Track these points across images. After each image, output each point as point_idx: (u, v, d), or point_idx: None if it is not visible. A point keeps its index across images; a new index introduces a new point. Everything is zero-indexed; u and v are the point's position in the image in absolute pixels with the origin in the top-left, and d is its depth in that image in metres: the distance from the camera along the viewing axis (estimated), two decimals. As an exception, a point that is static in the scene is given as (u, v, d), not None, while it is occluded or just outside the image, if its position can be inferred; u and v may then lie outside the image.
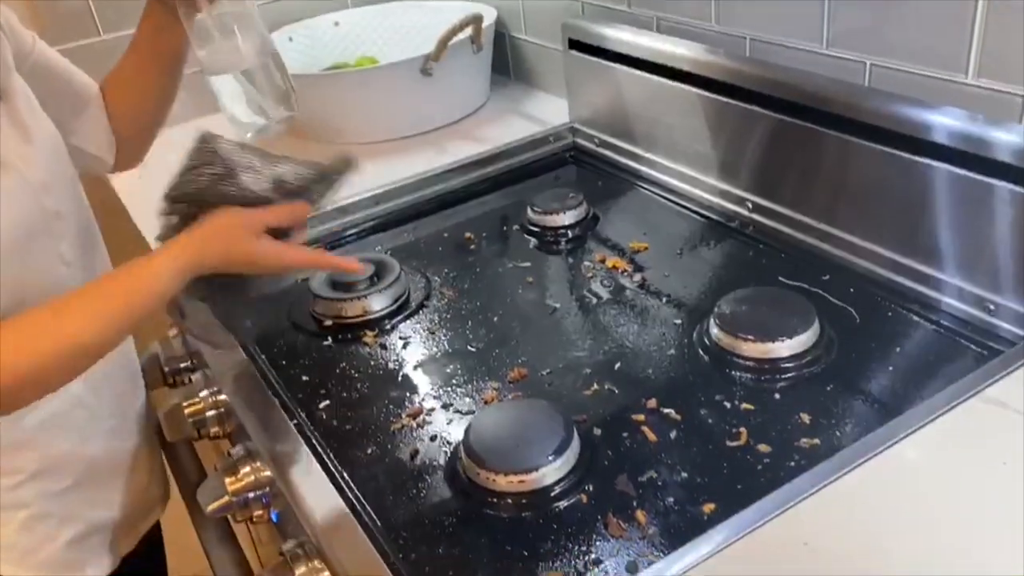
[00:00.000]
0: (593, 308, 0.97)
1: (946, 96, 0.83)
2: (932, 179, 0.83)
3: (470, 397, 0.85)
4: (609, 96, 1.24)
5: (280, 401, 0.85)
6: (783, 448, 0.73)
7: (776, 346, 0.82)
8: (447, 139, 1.36)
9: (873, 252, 0.92)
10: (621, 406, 0.81)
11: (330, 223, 1.20)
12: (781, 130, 0.98)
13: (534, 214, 1.15)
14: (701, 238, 1.08)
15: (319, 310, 1.01)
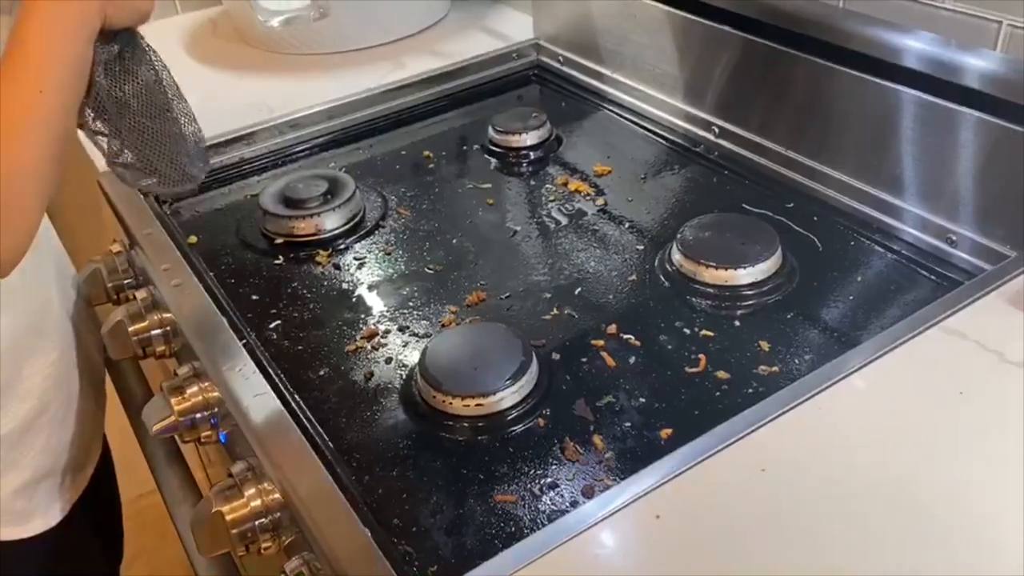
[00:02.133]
0: (554, 232, 0.95)
1: (922, 20, 0.81)
2: (901, 105, 0.82)
3: (427, 320, 0.83)
4: (576, 12, 1.20)
5: (228, 320, 0.82)
6: (741, 375, 0.73)
7: (738, 273, 0.81)
8: (405, 52, 1.31)
9: (838, 180, 0.91)
10: (580, 331, 0.79)
11: (280, 137, 1.15)
12: (751, 52, 0.95)
13: (496, 134, 1.11)
14: (665, 163, 1.06)
15: (269, 227, 0.97)
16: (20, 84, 0.63)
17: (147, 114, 0.74)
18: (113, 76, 0.72)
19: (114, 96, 0.72)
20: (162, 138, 0.75)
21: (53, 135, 0.65)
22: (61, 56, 0.66)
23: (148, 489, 1.02)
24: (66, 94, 0.66)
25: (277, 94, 1.20)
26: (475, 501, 0.64)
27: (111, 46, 0.71)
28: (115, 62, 0.72)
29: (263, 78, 1.27)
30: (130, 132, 0.74)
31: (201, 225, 1.01)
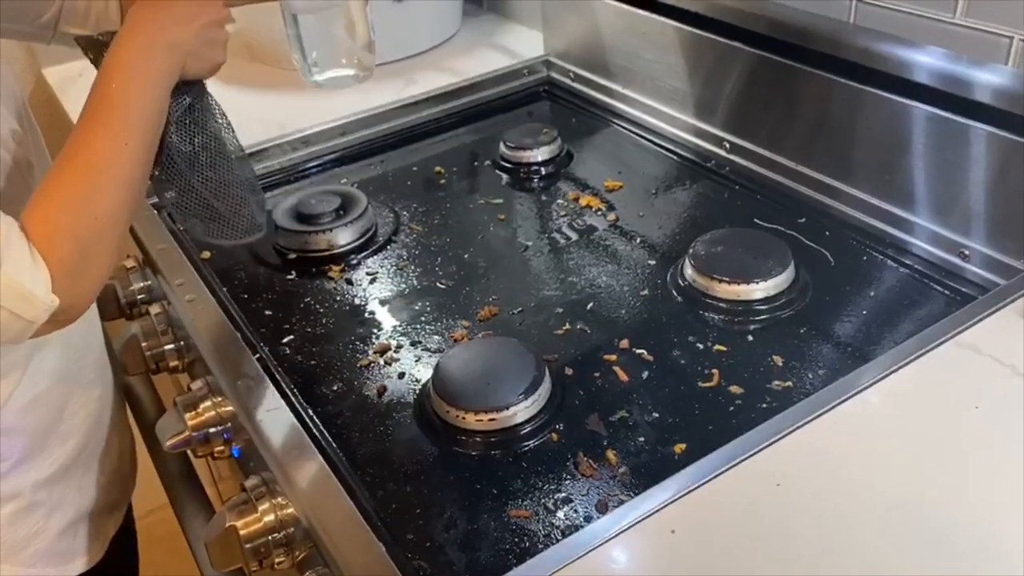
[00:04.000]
0: (566, 247, 0.95)
1: (933, 35, 0.81)
2: (912, 120, 0.82)
3: (439, 335, 0.83)
4: (586, 29, 1.20)
5: (242, 335, 0.82)
6: (755, 390, 0.73)
7: (750, 288, 0.81)
8: (417, 69, 1.32)
9: (849, 195, 0.91)
10: (593, 346, 0.79)
11: (293, 154, 1.16)
12: (761, 67, 0.96)
13: (507, 149, 1.12)
14: (676, 178, 1.06)
15: (282, 243, 0.98)
16: (103, 133, 0.65)
17: (215, 166, 0.74)
18: (184, 128, 0.72)
19: (183, 150, 0.72)
20: (230, 188, 0.75)
21: (131, 185, 0.66)
22: (143, 108, 0.67)
23: (157, 504, 1.02)
24: (145, 145, 0.67)
25: (289, 111, 1.21)
26: (489, 516, 0.64)
27: (183, 99, 0.72)
28: (186, 115, 0.72)
29: (275, 95, 1.29)
30: (200, 184, 0.74)
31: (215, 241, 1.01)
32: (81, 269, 0.63)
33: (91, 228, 0.63)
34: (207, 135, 0.74)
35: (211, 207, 0.76)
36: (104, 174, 0.64)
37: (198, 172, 0.74)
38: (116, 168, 0.65)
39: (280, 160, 1.15)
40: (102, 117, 0.65)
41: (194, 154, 0.73)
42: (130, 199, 0.66)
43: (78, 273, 0.62)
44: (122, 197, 0.65)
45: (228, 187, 0.76)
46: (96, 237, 0.63)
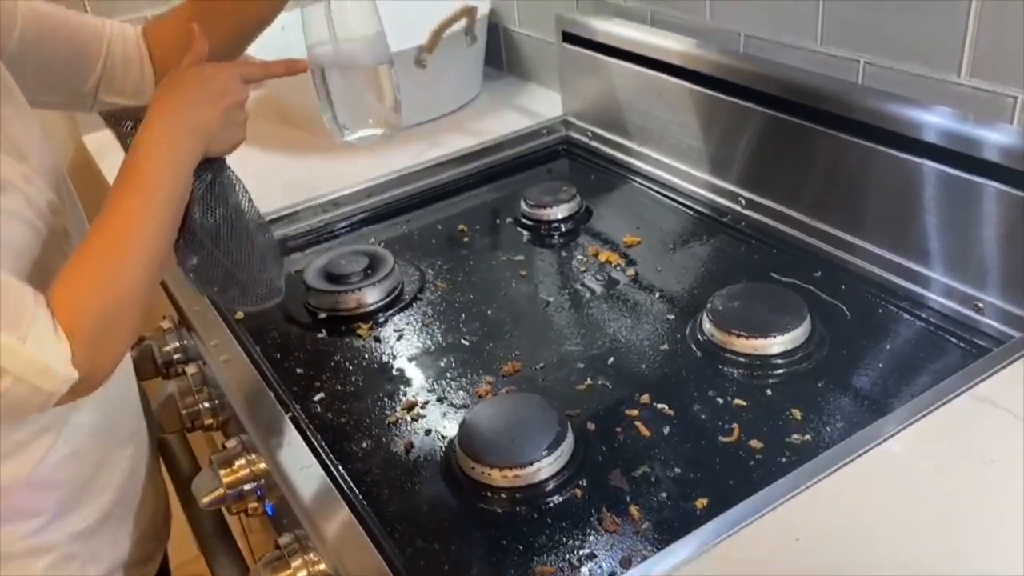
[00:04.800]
0: (586, 302, 0.98)
1: (939, 95, 0.84)
2: (922, 177, 0.84)
3: (464, 391, 0.86)
4: (602, 89, 1.24)
5: (275, 393, 0.85)
6: (775, 444, 0.74)
7: (768, 342, 0.83)
8: (440, 131, 1.36)
9: (864, 249, 0.93)
10: (614, 401, 0.81)
11: (323, 215, 1.20)
12: (774, 126, 0.99)
13: (527, 207, 1.15)
14: (693, 233, 1.09)
15: (313, 302, 1.01)
16: (128, 214, 0.68)
17: (235, 237, 0.78)
18: (206, 204, 0.76)
19: (206, 224, 0.76)
20: (250, 258, 0.79)
21: (153, 263, 0.69)
22: (168, 189, 0.71)
23: (190, 557, 1.04)
24: (168, 225, 0.71)
25: (319, 173, 1.26)
26: (515, 572, 0.66)
27: (204, 175, 0.76)
28: (208, 190, 0.76)
29: (305, 158, 1.33)
30: (222, 255, 0.77)
31: (247, 301, 1.05)
32: (101, 344, 0.66)
33: (113, 305, 0.66)
34: (228, 208, 0.78)
35: (232, 276, 0.79)
36: (127, 254, 0.67)
37: (220, 244, 0.77)
38: (139, 248, 0.68)
39: (310, 222, 1.19)
40: (128, 198, 0.69)
41: (216, 227, 0.77)
42: (152, 276, 0.70)
43: (98, 347, 0.65)
44: (144, 275, 0.68)
45: (248, 257, 0.79)
46: (118, 313, 0.66)
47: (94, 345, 0.65)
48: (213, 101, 0.74)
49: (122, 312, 0.67)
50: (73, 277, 0.66)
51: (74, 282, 0.65)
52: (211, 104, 0.74)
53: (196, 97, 0.74)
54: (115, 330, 0.67)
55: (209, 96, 0.74)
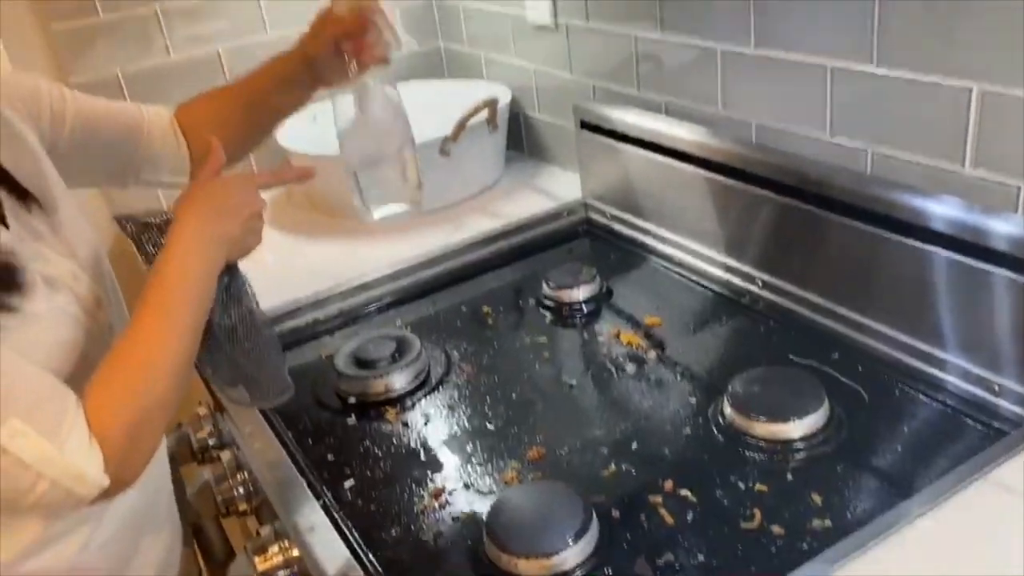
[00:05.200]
0: (609, 384, 1.00)
1: (945, 185, 0.87)
2: (933, 264, 0.86)
3: (490, 477, 0.88)
4: (620, 174, 1.29)
5: (307, 481, 0.88)
6: (796, 529, 0.75)
7: (788, 426, 0.85)
8: (464, 214, 1.41)
9: (879, 332, 0.95)
10: (638, 487, 0.83)
11: (351, 299, 1.24)
12: (786, 213, 1.02)
13: (549, 289, 1.19)
14: (713, 314, 1.11)
15: (343, 387, 1.04)
16: (158, 329, 0.72)
17: (250, 336, 0.82)
18: (223, 305, 0.81)
19: (223, 324, 0.81)
20: (265, 356, 0.84)
21: (180, 373, 0.73)
22: (195, 300, 0.76)
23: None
24: (194, 334, 0.76)
25: (347, 257, 1.30)
26: (543, 662, 0.67)
27: (223, 278, 0.80)
28: (224, 292, 0.81)
29: (335, 243, 1.38)
30: (240, 355, 0.82)
31: (280, 387, 1.08)
32: (131, 451, 0.69)
33: (142, 415, 0.69)
34: (242, 308, 0.83)
35: (247, 374, 0.84)
36: (155, 367, 0.71)
37: (237, 343, 0.82)
38: (168, 361, 0.72)
39: (339, 305, 1.23)
40: (156, 311, 0.73)
41: (232, 327, 0.82)
42: (178, 385, 0.73)
43: (128, 455, 0.69)
44: (172, 385, 0.72)
45: (263, 355, 0.84)
46: (146, 423, 0.70)
47: (124, 453, 0.68)
48: (234, 213, 0.80)
49: (150, 422, 0.71)
50: (105, 387, 0.69)
51: (106, 392, 0.69)
52: (233, 216, 0.80)
53: (219, 210, 0.79)
54: (144, 438, 0.71)
55: (231, 208, 0.80)
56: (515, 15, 1.47)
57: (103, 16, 1.45)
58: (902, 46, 0.87)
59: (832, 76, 0.95)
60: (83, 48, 1.45)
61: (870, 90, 0.91)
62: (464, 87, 1.57)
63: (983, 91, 0.81)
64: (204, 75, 1.53)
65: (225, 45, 1.54)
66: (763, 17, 1.01)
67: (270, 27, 1.58)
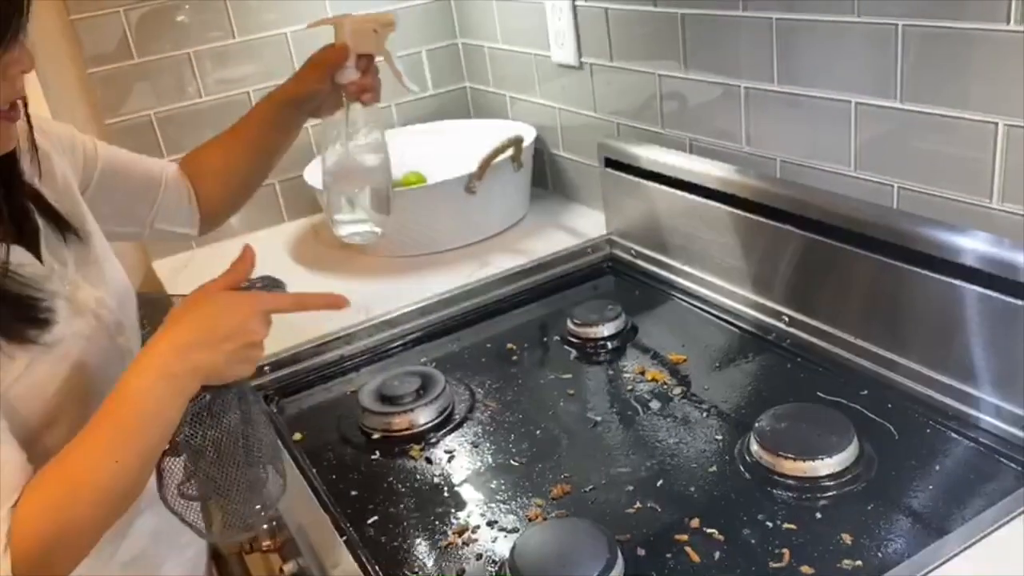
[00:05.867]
0: (634, 421, 1.00)
1: (972, 219, 0.86)
2: (962, 299, 0.85)
3: (514, 514, 0.87)
4: (644, 211, 1.29)
5: (331, 517, 0.88)
6: (825, 570, 0.74)
7: (816, 464, 0.84)
8: (489, 251, 1.42)
9: (909, 368, 0.94)
10: (664, 525, 0.82)
11: (377, 335, 1.24)
12: (812, 248, 1.01)
13: (574, 326, 1.18)
14: (739, 351, 1.11)
15: (367, 423, 1.04)
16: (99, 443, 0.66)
17: (220, 464, 0.73)
18: (198, 423, 0.72)
19: (192, 443, 0.72)
20: (229, 489, 0.74)
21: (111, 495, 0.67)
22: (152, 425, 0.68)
23: None
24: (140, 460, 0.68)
25: (374, 295, 1.31)
26: None
27: (203, 396, 0.72)
28: (203, 409, 0.72)
29: (361, 280, 1.39)
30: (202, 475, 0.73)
31: (305, 422, 1.09)
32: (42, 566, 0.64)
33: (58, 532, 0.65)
34: (220, 430, 0.73)
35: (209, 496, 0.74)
36: (83, 489, 0.65)
37: (201, 467, 0.72)
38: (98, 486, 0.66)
39: (365, 341, 1.23)
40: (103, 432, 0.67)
41: (202, 448, 0.72)
42: (106, 514, 0.68)
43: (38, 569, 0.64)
44: (95, 512, 0.67)
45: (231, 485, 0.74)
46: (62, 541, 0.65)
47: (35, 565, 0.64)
48: (223, 341, 0.71)
49: (66, 541, 0.66)
50: (36, 492, 0.65)
51: (34, 498, 0.65)
52: (219, 345, 0.71)
53: (206, 337, 0.70)
54: (57, 556, 0.66)
55: (221, 336, 0.71)
56: (540, 55, 1.49)
57: (137, 59, 1.49)
58: (926, 81, 0.87)
59: (856, 112, 0.95)
60: (118, 91, 1.49)
61: (895, 125, 0.91)
62: (489, 126, 1.59)
63: (1008, 126, 0.81)
64: (235, 117, 1.54)
65: (255, 87, 1.58)
66: (786, 54, 1.02)
67: (300, 69, 1.61)
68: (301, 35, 1.59)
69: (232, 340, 0.71)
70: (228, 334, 0.71)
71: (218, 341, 0.70)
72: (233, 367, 0.72)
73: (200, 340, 0.70)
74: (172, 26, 1.50)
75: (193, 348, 0.69)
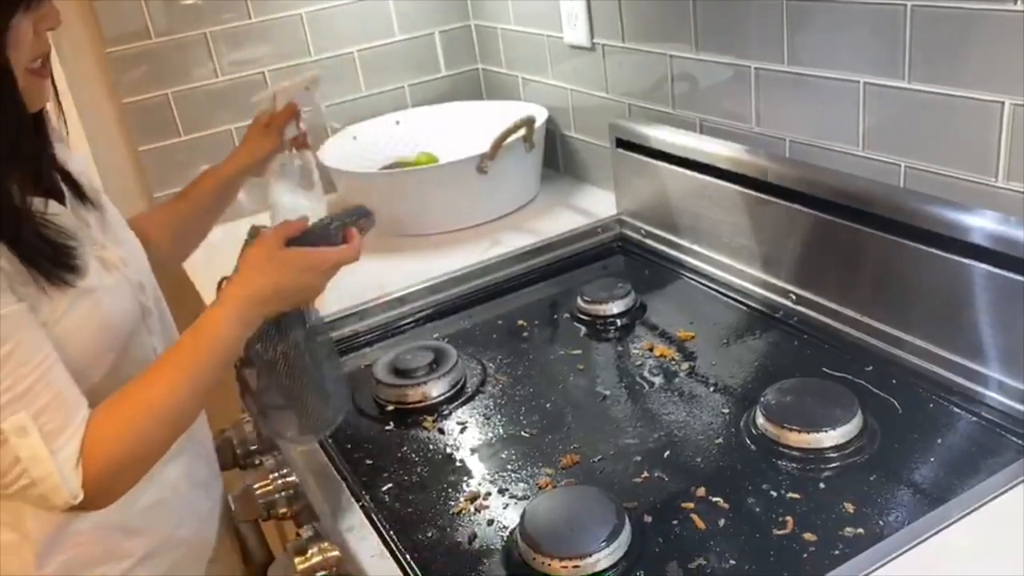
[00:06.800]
0: (642, 395, 1.01)
1: (978, 197, 0.87)
2: (969, 277, 0.87)
3: (524, 483, 0.89)
4: (655, 191, 1.31)
5: (346, 484, 0.90)
6: (828, 537, 0.76)
7: (820, 436, 0.86)
8: (500, 231, 1.44)
9: (914, 345, 0.95)
10: (671, 494, 0.84)
11: (390, 312, 1.27)
12: (820, 227, 1.03)
13: (584, 303, 1.20)
14: (746, 328, 1.12)
15: (381, 395, 1.07)
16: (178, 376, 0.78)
17: (291, 374, 0.85)
18: (268, 338, 0.84)
19: (264, 357, 0.84)
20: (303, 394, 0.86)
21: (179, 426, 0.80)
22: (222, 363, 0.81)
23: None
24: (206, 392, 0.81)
25: (388, 273, 1.33)
26: (575, 660, 0.68)
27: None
28: (272, 326, 0.84)
29: (375, 259, 1.41)
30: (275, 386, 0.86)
31: (320, 394, 1.11)
32: (112, 483, 0.75)
33: (132, 454, 0.76)
34: (287, 344, 0.85)
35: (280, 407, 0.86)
36: (160, 417, 0.77)
37: (275, 377, 0.85)
38: (172, 414, 0.78)
39: (378, 318, 1.26)
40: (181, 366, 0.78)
41: (273, 361, 0.84)
42: (174, 437, 0.80)
43: (107, 485, 0.75)
44: (167, 435, 0.79)
45: (301, 392, 0.86)
46: (134, 462, 0.76)
47: (105, 481, 0.74)
48: (294, 295, 0.84)
49: (138, 461, 0.77)
50: (108, 417, 0.75)
51: (108, 421, 0.75)
52: (291, 298, 0.84)
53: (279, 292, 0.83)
54: (127, 474, 0.77)
55: (292, 290, 0.84)
56: (552, 36, 1.50)
57: (155, 39, 1.51)
58: (933, 61, 0.88)
59: (865, 92, 0.96)
60: (135, 70, 1.51)
61: (902, 105, 0.93)
62: (501, 108, 1.61)
63: (1015, 105, 0.82)
64: (249, 96, 1.58)
65: (270, 68, 1.60)
66: (796, 35, 1.03)
67: (314, 50, 1.63)
68: (316, 16, 1.61)
69: (299, 294, 0.85)
70: (297, 290, 0.84)
71: (288, 296, 0.84)
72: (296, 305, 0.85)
73: (272, 296, 0.82)
74: (189, 7, 1.52)
75: (266, 302, 0.82)
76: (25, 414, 0.70)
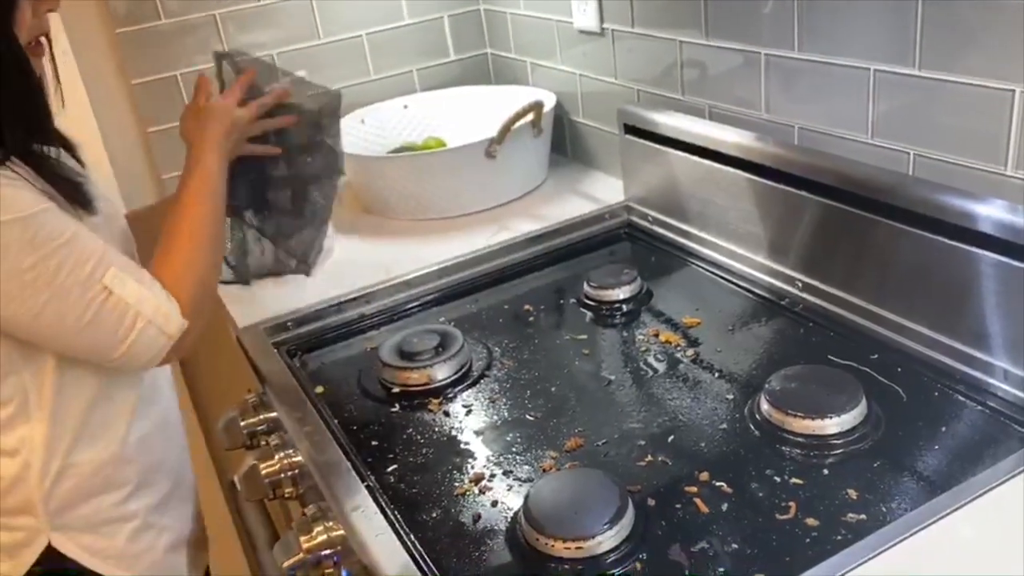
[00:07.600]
0: (647, 380, 1.02)
1: (987, 186, 0.87)
2: (976, 266, 0.87)
3: (529, 465, 0.90)
4: (663, 178, 1.30)
5: (352, 464, 0.91)
6: (830, 522, 0.76)
7: (825, 423, 0.86)
8: (508, 216, 1.44)
9: (920, 333, 0.95)
10: (674, 477, 0.84)
11: (397, 295, 1.27)
12: (828, 215, 1.03)
13: (590, 288, 1.20)
14: (752, 315, 1.12)
15: (387, 377, 1.07)
16: (204, 214, 0.98)
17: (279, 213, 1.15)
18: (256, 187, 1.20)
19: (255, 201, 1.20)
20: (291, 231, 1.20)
21: (220, 241, 1.03)
22: (222, 185, 1.04)
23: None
24: (223, 209, 1.03)
25: (395, 256, 1.34)
26: (577, 640, 0.68)
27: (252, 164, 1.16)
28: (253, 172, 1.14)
29: (383, 243, 1.42)
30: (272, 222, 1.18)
31: (327, 376, 1.12)
32: (199, 307, 0.92)
33: (201, 281, 0.93)
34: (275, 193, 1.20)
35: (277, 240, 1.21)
36: (207, 245, 0.96)
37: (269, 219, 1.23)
38: (210, 234, 0.98)
39: (384, 301, 1.26)
40: (199, 205, 0.98)
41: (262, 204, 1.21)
42: (220, 256, 1.02)
43: (197, 309, 0.91)
44: (217, 258, 1.00)
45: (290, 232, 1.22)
46: (204, 288, 0.94)
47: (196, 305, 0.91)
48: (231, 131, 1.09)
49: (206, 288, 0.95)
50: (168, 260, 0.92)
51: (169, 264, 0.91)
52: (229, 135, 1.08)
53: (222, 130, 1.07)
54: (203, 301, 0.94)
55: (228, 127, 1.08)
56: (561, 21, 1.50)
57: (164, 20, 1.51)
58: (943, 49, 0.88)
59: (875, 80, 0.96)
60: (145, 50, 1.51)
61: (912, 93, 0.92)
62: (510, 92, 1.61)
63: (1026, 93, 0.82)
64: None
65: (278, 50, 1.60)
66: (807, 22, 1.02)
67: (323, 33, 1.63)
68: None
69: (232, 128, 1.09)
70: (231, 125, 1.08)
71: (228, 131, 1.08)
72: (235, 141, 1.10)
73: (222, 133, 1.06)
74: (199, -12, 1.52)
75: (222, 138, 1.06)
76: (115, 269, 0.84)
